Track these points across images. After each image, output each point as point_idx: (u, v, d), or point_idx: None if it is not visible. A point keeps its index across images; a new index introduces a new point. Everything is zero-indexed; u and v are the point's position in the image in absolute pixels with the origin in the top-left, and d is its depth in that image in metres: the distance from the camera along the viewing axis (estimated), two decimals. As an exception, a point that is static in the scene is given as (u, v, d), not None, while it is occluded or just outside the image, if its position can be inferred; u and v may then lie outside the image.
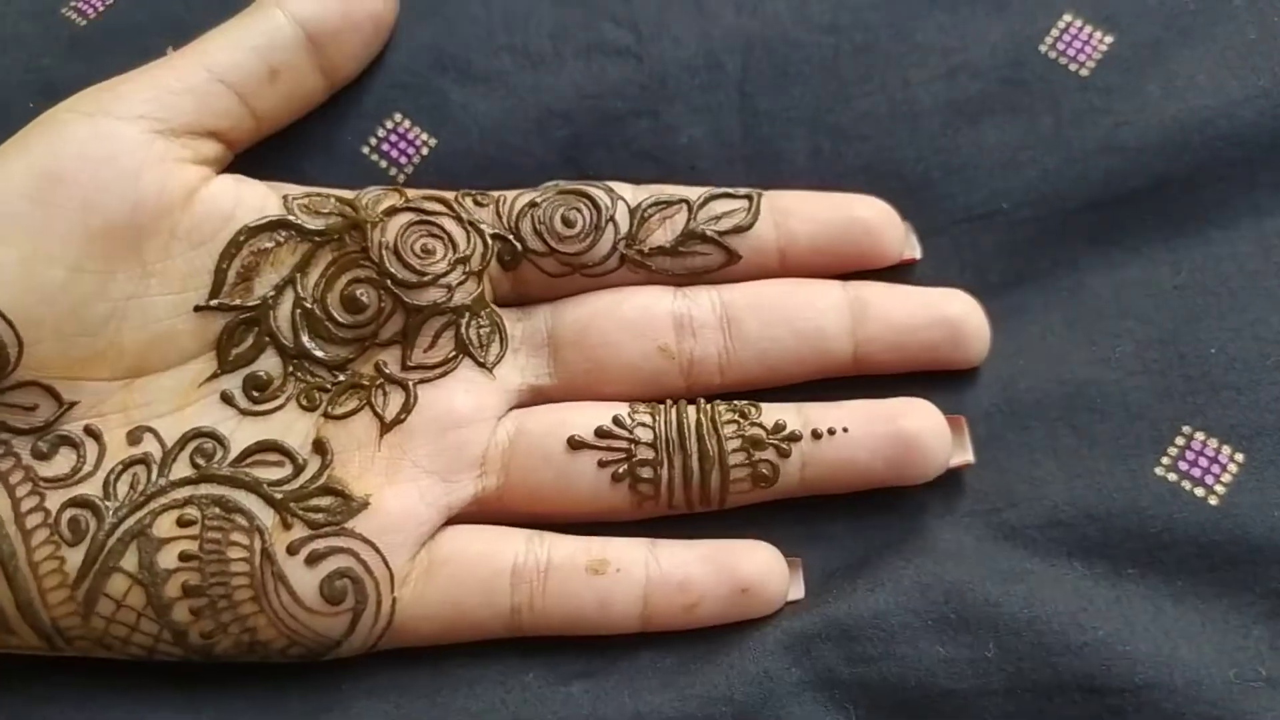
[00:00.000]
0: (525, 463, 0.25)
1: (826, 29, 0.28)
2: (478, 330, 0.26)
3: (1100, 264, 0.27)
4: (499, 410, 0.26)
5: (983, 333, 0.26)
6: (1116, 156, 0.27)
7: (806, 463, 0.25)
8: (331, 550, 0.24)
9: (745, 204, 0.26)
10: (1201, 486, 0.25)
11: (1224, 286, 0.27)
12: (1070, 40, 0.28)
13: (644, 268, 0.26)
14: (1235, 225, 0.27)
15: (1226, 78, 0.27)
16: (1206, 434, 0.25)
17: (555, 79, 0.28)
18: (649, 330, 0.26)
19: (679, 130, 0.28)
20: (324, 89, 0.27)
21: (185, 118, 0.24)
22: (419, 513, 0.25)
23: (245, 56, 0.25)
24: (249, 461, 0.24)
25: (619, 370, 0.26)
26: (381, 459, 0.25)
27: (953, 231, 0.27)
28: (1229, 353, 0.26)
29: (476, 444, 0.25)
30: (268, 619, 0.23)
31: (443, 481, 0.25)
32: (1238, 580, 0.24)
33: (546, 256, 0.26)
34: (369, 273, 0.25)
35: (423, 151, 0.28)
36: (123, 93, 0.24)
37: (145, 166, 0.24)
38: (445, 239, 0.26)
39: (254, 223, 0.25)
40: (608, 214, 0.26)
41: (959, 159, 0.27)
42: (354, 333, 0.25)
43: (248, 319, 0.25)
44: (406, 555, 0.24)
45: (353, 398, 0.25)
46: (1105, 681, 0.23)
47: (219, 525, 0.24)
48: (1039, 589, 0.24)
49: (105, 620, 0.23)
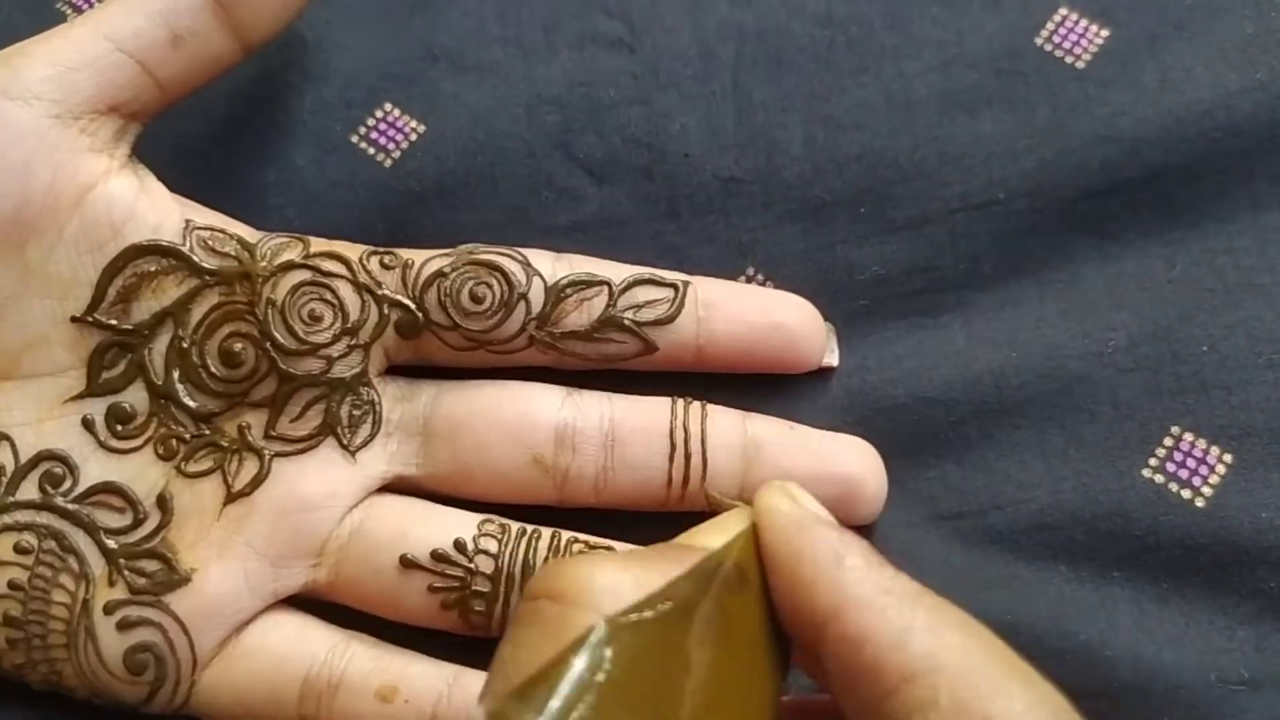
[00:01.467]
0: (357, 568, 0.24)
1: (821, 21, 0.28)
2: (350, 409, 0.25)
3: (1095, 255, 0.27)
4: (352, 499, 0.25)
5: (878, 491, 0.25)
6: (1113, 147, 0.27)
7: None
8: (143, 620, 0.23)
9: (670, 294, 0.25)
10: (1188, 488, 0.25)
11: (1219, 282, 0.26)
12: (1066, 33, 0.28)
13: (554, 349, 0.25)
14: (1233, 219, 0.27)
15: (1224, 70, 0.27)
16: (1195, 434, 0.25)
17: (547, 68, 0.28)
18: (526, 439, 0.24)
19: (671, 118, 0.28)
20: (237, 51, 0.25)
21: (84, 94, 0.23)
22: (240, 597, 0.24)
23: (146, 22, 0.24)
24: (93, 500, 0.24)
25: (487, 475, 0.25)
26: (219, 530, 0.24)
27: (948, 221, 0.27)
28: (1221, 351, 0.26)
29: (317, 534, 0.24)
30: (73, 669, 0.23)
31: (272, 567, 0.24)
32: (1223, 582, 0.24)
33: (450, 330, 0.25)
34: (251, 329, 0.24)
35: (411, 138, 0.28)
36: (19, 68, 0.23)
37: (38, 158, 0.23)
38: (336, 306, 0.24)
39: (142, 243, 0.24)
40: (520, 291, 0.25)
41: (955, 148, 0.27)
42: (226, 387, 0.24)
43: (121, 343, 0.24)
44: (216, 639, 0.24)
45: (208, 457, 0.24)
46: (1084, 686, 0.23)
47: (51, 563, 0.23)
48: (1022, 593, 0.24)
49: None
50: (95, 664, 0.23)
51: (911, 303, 0.27)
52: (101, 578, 0.24)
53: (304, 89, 0.28)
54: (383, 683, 0.24)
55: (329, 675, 0.24)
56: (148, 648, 0.23)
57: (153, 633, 0.23)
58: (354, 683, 0.24)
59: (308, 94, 0.28)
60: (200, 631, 0.24)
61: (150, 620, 0.23)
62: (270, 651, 0.24)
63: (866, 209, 0.27)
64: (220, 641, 0.24)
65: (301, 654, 0.24)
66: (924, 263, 0.27)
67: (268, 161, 0.28)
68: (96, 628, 0.23)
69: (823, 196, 0.27)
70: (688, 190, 0.27)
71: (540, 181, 0.27)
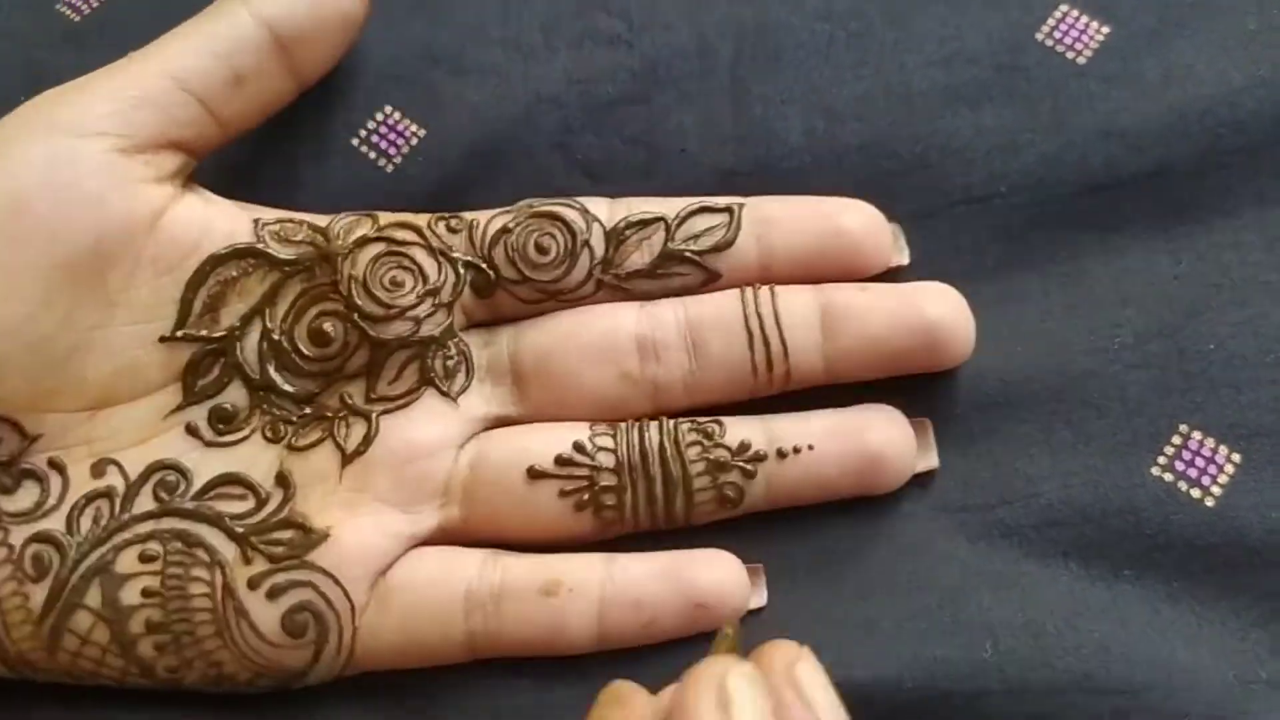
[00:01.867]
0: (487, 493, 0.25)
1: (820, 16, 0.28)
2: (444, 361, 0.25)
3: (1099, 250, 0.27)
4: (462, 438, 0.25)
5: (966, 332, 0.25)
6: (1117, 142, 0.27)
7: (771, 482, 0.25)
8: (292, 584, 0.23)
9: (725, 218, 0.26)
10: (1198, 487, 0.25)
11: (1225, 278, 0.26)
12: (1067, 29, 0.28)
13: (622, 291, 0.26)
14: (1239, 214, 0.27)
15: (1227, 66, 0.27)
16: (1204, 433, 0.25)
17: (546, 68, 0.28)
18: (612, 357, 0.25)
19: (670, 115, 0.28)
20: (292, 90, 0.26)
21: (147, 131, 0.24)
22: (379, 545, 0.24)
23: (209, 62, 0.24)
24: (212, 494, 0.24)
25: (582, 399, 0.25)
26: (343, 491, 0.24)
27: (950, 214, 0.27)
28: (1228, 349, 0.25)
29: (438, 475, 0.25)
30: (231, 654, 0.23)
31: (404, 513, 0.25)
32: (1235, 583, 0.24)
33: (521, 284, 0.26)
34: (337, 306, 0.25)
35: (412, 142, 0.28)
36: (82, 105, 0.23)
37: (109, 191, 0.23)
38: (415, 271, 0.25)
39: (221, 251, 0.24)
40: (582, 238, 0.25)
41: (957, 141, 0.27)
42: (320, 366, 0.25)
43: (214, 350, 0.25)
44: (366, 585, 0.24)
45: (316, 429, 0.25)
46: (1105, 681, 0.23)
47: (180, 560, 0.23)
48: (1033, 592, 0.24)
49: (71, 655, 0.23)
50: (254, 639, 0.23)
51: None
52: (236, 560, 0.24)
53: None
54: (545, 579, 0.24)
55: (490, 585, 0.24)
56: (304, 607, 0.23)
57: (306, 592, 0.24)
58: (516, 586, 0.24)
59: (306, 95, 0.28)
60: (350, 580, 0.24)
61: (300, 581, 0.24)
62: (425, 578, 0.24)
63: (867, 201, 0.27)
64: (370, 587, 0.24)
65: (456, 574, 0.24)
66: (925, 256, 0.27)
67: (267, 164, 0.28)
68: (246, 604, 0.23)
69: (822, 189, 0.27)
70: (685, 185, 0.27)
71: (540, 183, 0.27)
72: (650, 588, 0.24)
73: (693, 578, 0.24)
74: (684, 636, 0.24)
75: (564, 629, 0.24)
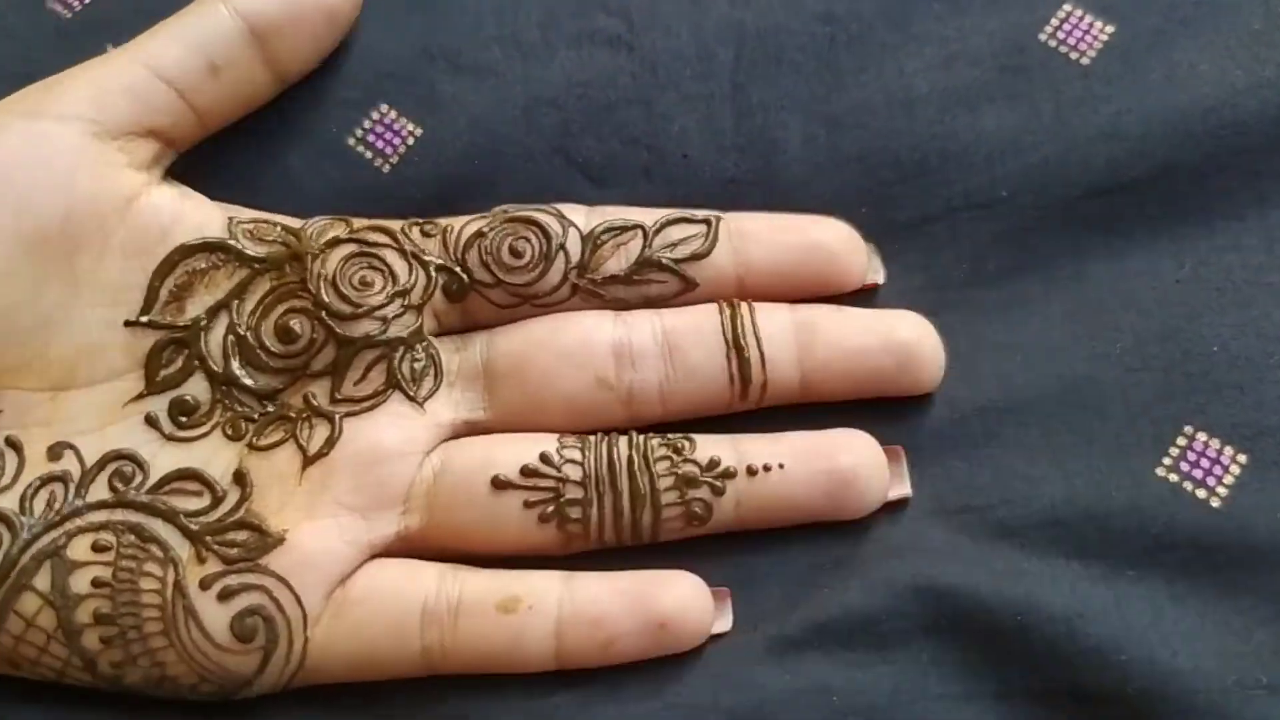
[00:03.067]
0: (449, 502, 0.24)
1: (821, 18, 0.28)
2: (411, 364, 0.25)
3: (1101, 254, 0.27)
4: (427, 445, 0.25)
5: (937, 357, 0.25)
6: (1119, 144, 0.27)
7: (741, 500, 0.24)
8: (244, 587, 0.23)
9: (703, 229, 0.26)
10: (1203, 488, 0.24)
11: (1228, 281, 0.26)
12: (1070, 29, 0.28)
13: (597, 297, 0.26)
14: (1240, 217, 0.26)
15: (1230, 67, 0.27)
16: (1209, 434, 0.25)
17: (545, 68, 0.28)
18: (587, 362, 0.25)
19: (671, 119, 0.28)
20: (273, 84, 0.26)
21: (123, 117, 0.24)
22: (336, 550, 0.24)
23: (185, 52, 0.25)
24: (167, 489, 0.24)
25: (556, 404, 0.25)
26: (302, 493, 0.24)
27: (951, 219, 0.27)
28: (1231, 350, 0.25)
29: (400, 480, 0.24)
30: (177, 654, 0.23)
31: (364, 519, 0.24)
32: (1240, 583, 0.24)
33: (494, 288, 0.25)
34: (305, 303, 0.25)
35: (408, 141, 0.28)
36: (60, 91, 0.24)
37: (80, 170, 0.23)
38: (385, 271, 0.25)
39: (191, 241, 0.24)
40: (558, 242, 0.25)
41: (957, 145, 0.27)
42: (285, 363, 0.25)
43: (178, 339, 0.24)
44: (322, 593, 0.24)
45: (278, 429, 0.25)
46: (1097, 690, 0.23)
47: (133, 554, 0.23)
48: (1034, 591, 0.24)
49: (14, 639, 0.23)
50: (201, 641, 0.23)
51: (913, 302, 0.27)
52: (190, 558, 0.23)
53: (298, 88, 0.28)
54: (503, 596, 0.24)
55: (447, 599, 0.24)
56: (254, 611, 0.23)
57: (257, 596, 0.23)
58: (473, 602, 0.24)
59: (302, 93, 0.28)
60: (305, 587, 0.23)
61: (252, 585, 0.23)
62: (382, 591, 0.24)
63: (867, 209, 0.27)
64: (326, 596, 0.24)
65: (414, 587, 0.24)
66: (926, 262, 0.27)
67: (262, 163, 0.28)
68: (195, 604, 0.23)
69: (823, 197, 0.27)
70: (686, 191, 0.27)
71: (539, 185, 0.27)
72: (610, 606, 0.24)
73: (655, 596, 0.24)
74: (644, 658, 0.24)
75: (521, 647, 0.23)
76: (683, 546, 0.25)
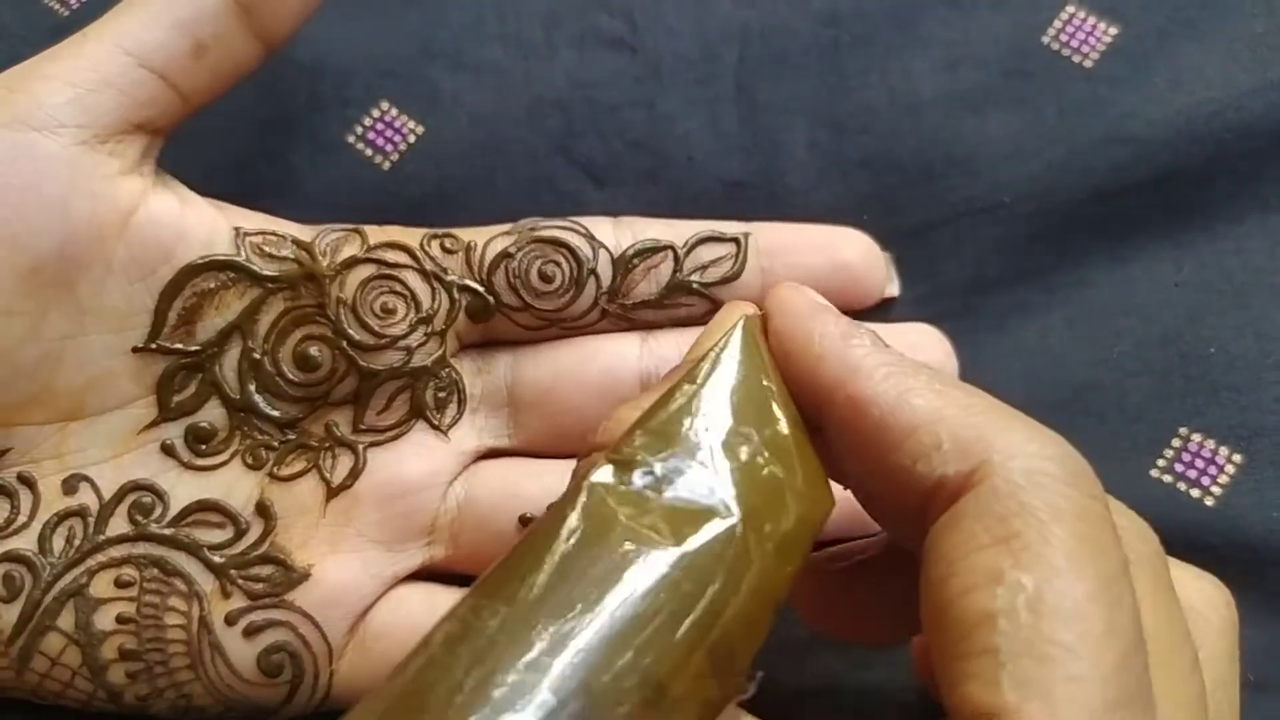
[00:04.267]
0: (475, 535, 0.24)
1: (826, 20, 0.28)
2: (434, 393, 0.25)
3: (1103, 259, 0.27)
4: (451, 474, 0.25)
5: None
6: (1122, 148, 0.27)
7: None
8: (270, 623, 0.23)
9: (732, 249, 0.25)
10: (1198, 488, 0.25)
11: (1228, 283, 0.26)
12: (1074, 31, 0.28)
13: (627, 321, 0.25)
14: (1242, 221, 0.27)
15: (1234, 70, 0.27)
16: (1204, 435, 0.25)
17: (547, 68, 0.28)
18: (614, 392, 0.24)
19: (675, 121, 0.27)
20: (258, 54, 0.24)
21: (109, 116, 0.22)
22: (362, 584, 0.24)
23: (167, 34, 0.22)
24: (189, 521, 0.23)
25: (581, 433, 0.24)
26: (326, 526, 0.24)
27: (954, 225, 0.27)
28: (1230, 352, 0.26)
29: (426, 512, 0.24)
30: (204, 687, 0.23)
31: (388, 551, 0.24)
32: (1232, 583, 0.24)
33: (522, 312, 0.25)
34: (324, 330, 0.24)
35: (409, 139, 0.27)
36: (39, 95, 0.21)
37: (73, 192, 0.21)
38: (408, 297, 0.24)
39: (198, 262, 0.23)
40: (589, 267, 0.25)
41: (961, 150, 0.27)
42: (305, 391, 0.24)
43: (190, 364, 0.23)
44: (345, 628, 0.23)
45: (300, 459, 0.24)
46: None
47: (157, 589, 0.23)
48: None
49: (39, 676, 0.23)
50: (228, 675, 0.23)
51: (916, 308, 0.27)
52: (214, 593, 0.23)
53: (298, 84, 0.28)
54: None
55: None
56: (281, 648, 0.23)
57: (283, 632, 0.23)
58: None
59: (302, 90, 0.28)
60: (329, 621, 0.23)
61: (277, 620, 0.23)
62: (405, 623, 0.24)
63: (870, 215, 0.27)
64: (349, 630, 0.24)
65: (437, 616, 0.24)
66: (929, 268, 0.27)
67: (262, 161, 0.27)
68: (221, 640, 0.23)
69: (827, 202, 0.27)
70: (691, 194, 0.27)
71: (541, 185, 0.27)
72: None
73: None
74: None
75: None
76: None
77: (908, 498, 0.17)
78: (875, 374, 0.18)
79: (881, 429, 0.17)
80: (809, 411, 0.19)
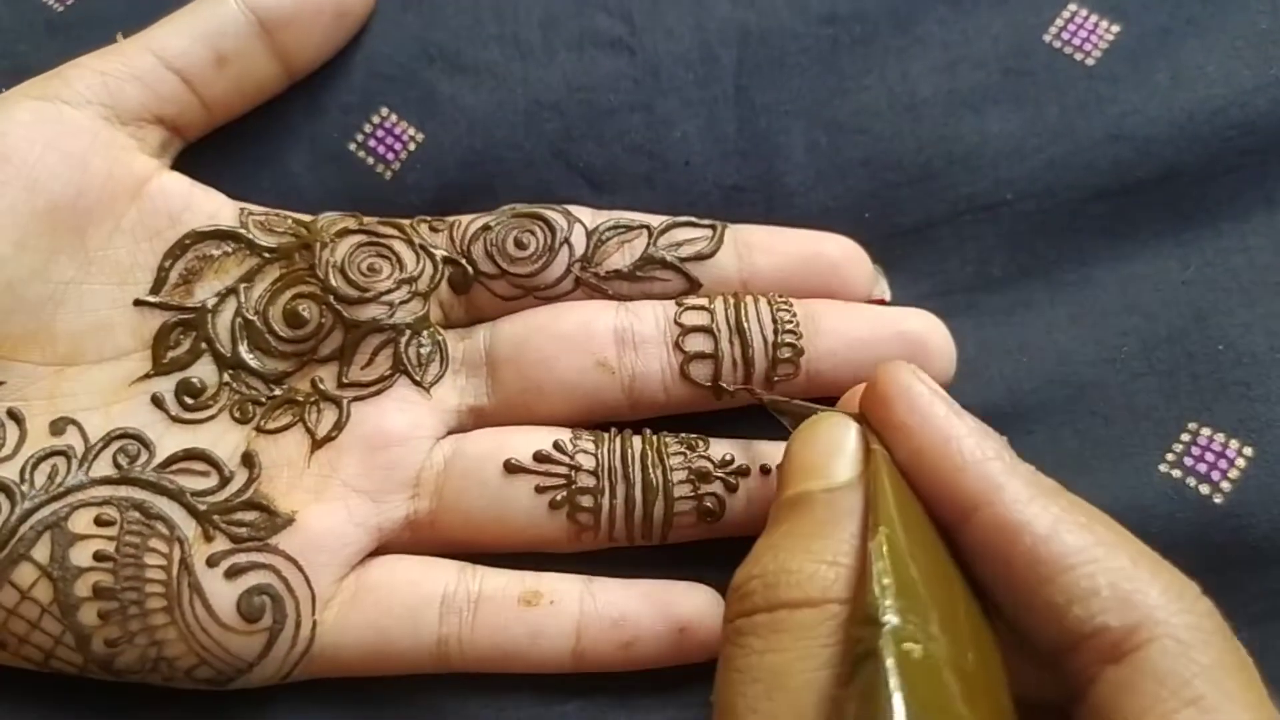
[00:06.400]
0: (460, 485, 0.24)
1: (824, 20, 0.28)
2: (417, 349, 0.25)
3: (1107, 257, 0.27)
4: (435, 431, 0.25)
5: (947, 348, 0.25)
6: (1125, 146, 0.26)
7: (753, 499, 0.24)
8: (253, 565, 0.23)
9: (708, 233, 0.26)
10: (1207, 483, 0.25)
11: (1234, 281, 0.26)
12: (1076, 29, 0.28)
13: (599, 291, 0.26)
14: (1247, 218, 0.26)
15: (1238, 67, 0.27)
16: (1213, 429, 0.25)
17: (545, 71, 0.28)
18: (588, 345, 0.25)
19: (673, 124, 0.27)
20: (281, 76, 0.26)
21: (133, 104, 0.24)
22: (346, 532, 0.24)
23: (191, 42, 0.25)
24: (174, 468, 0.24)
25: (556, 388, 0.25)
26: (311, 476, 0.24)
27: (955, 223, 0.27)
28: (1238, 348, 0.26)
29: (410, 464, 0.24)
30: (178, 632, 0.22)
31: (373, 501, 0.24)
32: (1235, 581, 0.24)
33: (498, 279, 0.26)
34: (313, 289, 0.25)
35: (410, 147, 0.27)
36: (70, 78, 0.24)
37: (92, 151, 0.24)
38: (393, 259, 0.25)
39: (203, 228, 0.25)
40: (562, 236, 0.26)
41: (962, 148, 0.27)
42: (293, 347, 0.25)
43: (186, 321, 0.25)
44: (332, 577, 0.24)
45: (286, 413, 0.25)
46: None
47: (138, 530, 0.23)
48: None
49: (6, 612, 0.22)
50: (205, 619, 0.23)
51: (919, 306, 0.26)
52: (196, 537, 0.23)
53: (297, 90, 0.28)
54: (524, 589, 0.24)
55: (467, 591, 0.24)
56: (263, 590, 0.23)
57: (266, 575, 0.23)
58: (493, 594, 0.24)
59: (302, 96, 0.28)
60: (314, 567, 0.23)
61: (261, 563, 0.23)
62: (401, 578, 0.24)
63: (871, 214, 0.27)
64: (337, 579, 0.24)
65: (434, 577, 0.24)
66: (931, 266, 0.27)
67: (263, 168, 0.27)
68: (202, 581, 0.23)
69: (826, 203, 0.27)
70: (689, 199, 0.27)
71: (540, 191, 0.27)
72: (632, 607, 0.24)
73: (674, 602, 0.24)
74: (663, 665, 0.24)
75: (541, 642, 0.23)
76: (692, 557, 0.25)
77: (1056, 632, 0.18)
78: (1022, 495, 0.18)
79: (1033, 560, 0.18)
80: (942, 516, 0.19)
